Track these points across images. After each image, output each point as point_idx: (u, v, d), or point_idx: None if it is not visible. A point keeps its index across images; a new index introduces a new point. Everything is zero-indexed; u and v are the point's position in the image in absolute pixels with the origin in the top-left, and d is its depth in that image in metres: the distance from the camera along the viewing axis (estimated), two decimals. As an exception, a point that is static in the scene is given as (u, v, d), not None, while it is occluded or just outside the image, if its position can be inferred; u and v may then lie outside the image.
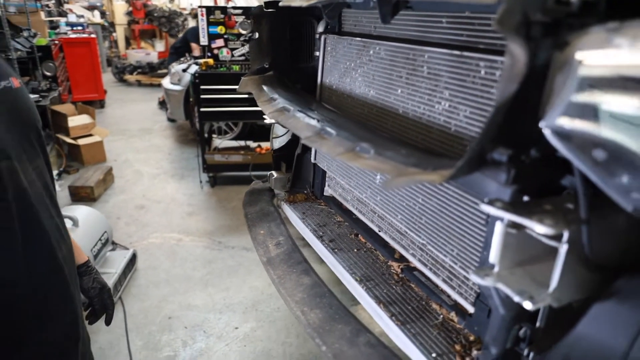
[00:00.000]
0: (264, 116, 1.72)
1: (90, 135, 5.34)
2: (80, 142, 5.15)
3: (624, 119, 0.54)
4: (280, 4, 1.17)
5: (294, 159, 1.66)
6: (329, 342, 1.01)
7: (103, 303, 1.26)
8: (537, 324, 0.81)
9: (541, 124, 0.58)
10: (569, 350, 0.72)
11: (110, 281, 2.93)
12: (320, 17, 1.49)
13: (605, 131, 0.54)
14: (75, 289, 1.07)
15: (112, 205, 4.42)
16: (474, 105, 0.90)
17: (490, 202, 0.67)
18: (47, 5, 8.38)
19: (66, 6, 9.86)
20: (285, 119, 1.15)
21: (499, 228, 0.70)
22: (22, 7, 6.07)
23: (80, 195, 4.36)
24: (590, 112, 0.55)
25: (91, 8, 10.89)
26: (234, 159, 4.67)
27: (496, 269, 0.72)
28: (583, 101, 0.55)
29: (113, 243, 3.47)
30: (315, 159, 1.57)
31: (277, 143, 1.73)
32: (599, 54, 0.54)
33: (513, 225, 0.70)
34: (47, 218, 0.95)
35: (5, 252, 0.85)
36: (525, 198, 0.74)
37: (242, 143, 5.10)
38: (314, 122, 1.06)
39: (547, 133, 0.60)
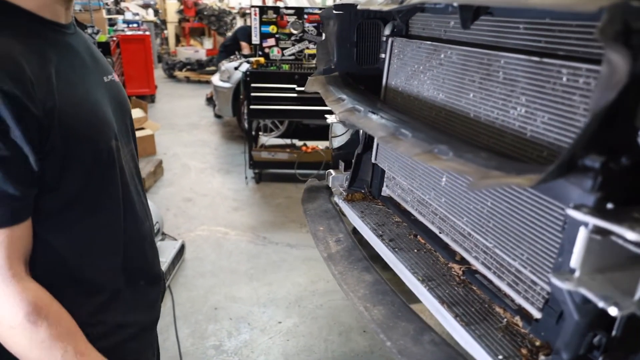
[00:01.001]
0: (326, 115, 1.77)
1: (143, 128, 5.56)
2: (134, 134, 5.38)
3: None
4: (359, 6, 1.21)
5: (352, 158, 1.69)
6: (394, 339, 1.04)
7: None
8: (613, 333, 0.81)
9: (640, 132, 0.59)
10: (650, 360, 0.72)
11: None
12: (387, 20, 1.51)
13: None
14: (159, 269, 1.16)
15: (162, 197, 4.60)
16: (552, 112, 0.91)
17: (577, 207, 0.69)
18: (107, 4, 8.78)
19: (123, 4, 10.29)
20: (356, 119, 1.18)
21: (583, 233, 0.71)
22: (86, 5, 6.40)
23: (134, 186, 4.55)
24: (693, 122, 0.56)
25: (145, 6, 11.31)
26: (280, 157, 4.76)
27: (577, 274, 0.73)
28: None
29: (163, 233, 3.61)
30: (375, 159, 1.59)
31: (336, 142, 1.77)
32: None
33: (597, 231, 0.71)
34: (137, 199, 1.04)
35: (111, 226, 0.95)
36: (609, 205, 0.74)
37: (287, 141, 5.18)
38: (387, 123, 1.09)
39: (643, 142, 0.61)
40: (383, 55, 1.53)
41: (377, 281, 1.24)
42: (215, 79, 6.23)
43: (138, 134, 5.41)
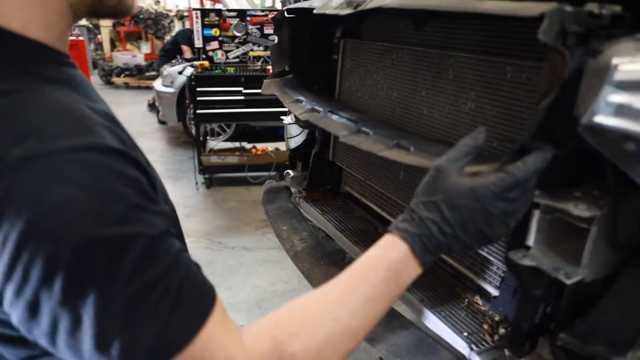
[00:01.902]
0: (282, 117, 1.80)
1: (83, 138, 5.30)
2: (73, 145, 5.13)
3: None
4: (314, 11, 1.25)
5: (309, 158, 1.73)
6: (365, 326, 1.09)
7: None
8: (562, 302, 0.91)
9: (580, 121, 0.67)
10: (596, 321, 0.81)
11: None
12: (339, 22, 1.57)
13: (635, 126, 0.64)
14: None
15: (109, 208, 4.42)
16: (500, 106, 0.99)
17: (528, 191, 0.76)
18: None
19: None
20: (317, 119, 1.22)
21: (535, 214, 0.79)
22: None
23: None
24: (622, 110, 0.64)
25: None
26: (230, 160, 4.72)
27: (532, 251, 0.82)
28: (616, 101, 0.64)
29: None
30: (333, 157, 1.65)
31: (293, 143, 1.80)
32: (630, 60, 0.64)
33: (547, 210, 0.80)
34: None
35: None
36: (557, 188, 0.83)
37: (236, 144, 5.15)
38: (348, 122, 1.14)
39: (581, 129, 0.69)
40: (336, 57, 1.58)
41: (345, 274, 1.29)
42: (158, 84, 6.06)
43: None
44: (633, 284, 0.78)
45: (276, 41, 1.62)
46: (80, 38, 7.48)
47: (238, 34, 4.68)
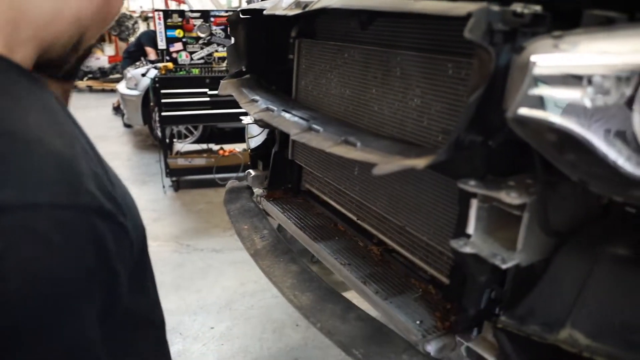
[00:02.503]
0: (242, 117, 1.81)
1: (44, 143, 5.16)
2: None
3: (567, 107, 0.68)
4: (265, 12, 1.27)
5: (270, 157, 1.74)
6: (323, 320, 1.12)
7: None
8: (505, 286, 0.95)
9: (506, 114, 0.71)
10: (534, 303, 0.86)
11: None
12: (294, 23, 1.59)
13: (554, 118, 0.68)
14: None
15: (72, 215, 4.32)
16: (443, 101, 1.04)
17: (466, 182, 0.81)
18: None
19: None
20: (271, 118, 1.24)
21: (473, 203, 0.83)
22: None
23: (38, 206, 4.23)
24: (542, 103, 0.69)
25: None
26: (197, 163, 4.67)
27: (472, 239, 0.86)
28: (537, 94, 0.69)
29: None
30: (292, 155, 1.67)
31: (253, 142, 1.82)
32: (547, 56, 0.68)
33: (484, 199, 0.84)
34: None
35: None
36: (491, 177, 0.88)
37: (203, 146, 5.11)
38: (300, 120, 1.17)
39: (509, 121, 0.74)
40: (292, 57, 1.61)
41: (303, 270, 1.31)
42: (122, 87, 5.95)
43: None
44: (564, 267, 0.83)
45: (233, 42, 1.63)
46: (39, 41, 7.24)
47: (202, 35, 4.64)
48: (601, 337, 0.77)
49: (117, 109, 7.35)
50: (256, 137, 1.84)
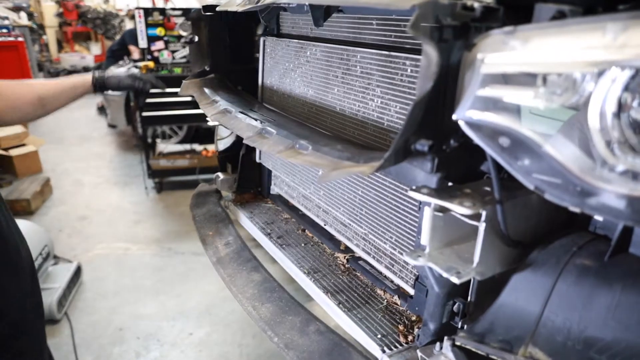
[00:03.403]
0: (207, 119, 1.74)
1: (24, 145, 5.06)
2: (12, 152, 4.88)
3: (520, 109, 0.62)
4: (218, 8, 1.20)
5: (239, 159, 1.68)
6: (280, 333, 1.06)
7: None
8: (469, 299, 0.89)
9: (454, 116, 0.65)
10: (494, 318, 0.80)
11: (54, 297, 2.82)
12: (259, 20, 1.52)
13: (506, 121, 0.62)
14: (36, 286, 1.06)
15: (52, 218, 4.24)
16: (402, 102, 0.97)
17: (417, 189, 0.74)
18: (-33, 8, 7.84)
19: (-12, 8, 9.24)
20: (227, 120, 1.18)
21: (427, 212, 0.77)
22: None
23: (16, 210, 4.14)
24: (493, 105, 0.63)
25: (16, 9, 10.24)
26: (180, 164, 4.60)
27: (427, 250, 0.80)
28: (486, 95, 0.62)
29: (55, 257, 3.33)
30: (260, 158, 1.60)
31: (222, 145, 1.75)
32: (497, 54, 0.62)
33: (439, 209, 0.78)
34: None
35: None
36: (450, 184, 0.81)
37: (187, 147, 5.03)
38: (254, 123, 1.10)
39: (461, 124, 0.67)
40: (258, 55, 1.54)
41: (266, 279, 1.25)
42: (104, 87, 5.84)
43: (18, 151, 4.94)
44: (526, 279, 0.78)
45: (195, 40, 1.56)
46: (20, 39, 7.13)
47: (184, 34, 4.54)
48: (564, 356, 0.72)
49: (101, 109, 7.24)
50: (225, 138, 1.77)
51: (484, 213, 0.72)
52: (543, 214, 0.82)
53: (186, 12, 4.58)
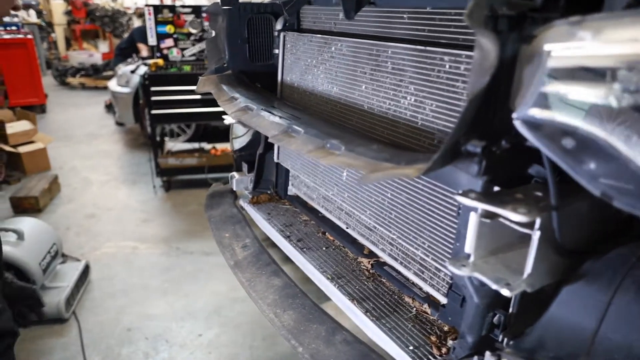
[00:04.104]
0: (224, 116, 1.68)
1: (32, 142, 5.04)
2: (21, 149, 4.86)
3: (589, 107, 0.56)
4: (241, 0, 1.15)
5: (255, 159, 1.62)
6: (305, 343, 1.00)
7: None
8: (510, 310, 0.84)
9: (514, 115, 0.59)
10: (543, 332, 0.74)
11: (62, 296, 2.78)
12: (278, 14, 1.47)
13: (572, 120, 0.56)
14: None
15: (60, 216, 4.21)
16: (439, 99, 0.92)
17: (464, 194, 0.69)
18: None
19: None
20: (249, 118, 1.12)
21: (473, 218, 0.71)
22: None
23: (24, 207, 4.11)
24: (558, 102, 0.57)
25: (26, 7, 10.26)
26: (189, 162, 4.56)
27: (472, 259, 0.74)
28: (551, 92, 0.57)
29: (63, 255, 3.30)
30: (278, 158, 1.55)
31: (238, 143, 1.69)
32: (565, 46, 0.56)
33: (487, 214, 0.72)
34: None
35: None
36: (496, 188, 0.76)
37: (196, 145, 4.99)
38: (280, 120, 1.05)
39: (517, 124, 0.62)
40: (277, 51, 1.48)
41: (287, 284, 1.19)
42: (113, 85, 5.81)
43: (26, 148, 4.92)
44: (579, 292, 0.72)
45: (212, 35, 1.51)
46: (29, 37, 7.12)
47: (194, 31, 4.51)
48: (624, 377, 0.66)
49: (109, 107, 7.22)
50: (241, 137, 1.72)
51: (538, 220, 0.66)
52: (596, 221, 0.76)
53: (196, 9, 4.54)
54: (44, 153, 5.09)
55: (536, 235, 0.67)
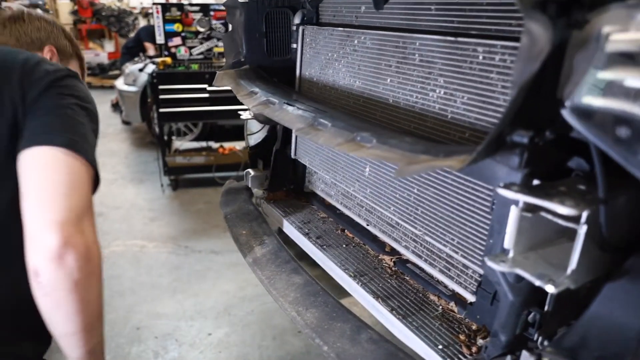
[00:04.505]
0: (241, 112, 1.66)
1: (39, 140, 5.02)
2: (29, 148, 4.85)
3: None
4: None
5: (271, 155, 1.60)
6: (330, 342, 0.98)
7: None
8: (546, 308, 0.81)
9: (567, 103, 0.56)
10: (585, 331, 0.71)
11: (71, 294, 2.77)
12: (295, 9, 1.44)
13: (631, 107, 0.54)
14: None
15: (68, 214, 4.19)
16: (471, 92, 0.89)
17: (507, 186, 0.66)
18: (-16, 4, 7.85)
19: (4, 4, 9.27)
20: (271, 111, 1.10)
21: (514, 212, 0.69)
22: (-43, 5, 5.66)
23: (32, 205, 4.10)
24: (616, 89, 0.54)
25: (32, 6, 10.28)
26: (196, 161, 4.54)
27: (511, 254, 0.71)
28: (608, 78, 0.54)
29: (72, 253, 3.28)
30: (295, 154, 1.52)
31: (253, 140, 1.67)
32: (624, 30, 0.54)
33: (528, 208, 0.69)
34: None
35: None
36: (535, 181, 0.73)
37: (203, 144, 4.97)
38: (304, 114, 1.02)
39: (565, 113, 0.59)
40: (295, 45, 1.46)
41: (308, 282, 1.17)
42: (120, 83, 5.81)
43: (34, 147, 4.92)
44: (624, 289, 0.69)
45: (230, 29, 1.49)
46: (36, 36, 7.10)
47: (202, 29, 4.49)
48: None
49: (115, 106, 7.22)
50: (256, 133, 1.70)
51: (585, 214, 0.64)
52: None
53: (204, 8, 4.53)
54: (51, 151, 5.08)
55: (582, 229, 0.64)
